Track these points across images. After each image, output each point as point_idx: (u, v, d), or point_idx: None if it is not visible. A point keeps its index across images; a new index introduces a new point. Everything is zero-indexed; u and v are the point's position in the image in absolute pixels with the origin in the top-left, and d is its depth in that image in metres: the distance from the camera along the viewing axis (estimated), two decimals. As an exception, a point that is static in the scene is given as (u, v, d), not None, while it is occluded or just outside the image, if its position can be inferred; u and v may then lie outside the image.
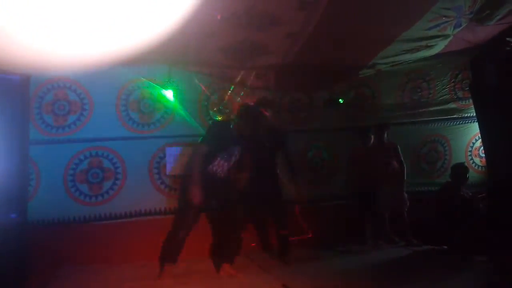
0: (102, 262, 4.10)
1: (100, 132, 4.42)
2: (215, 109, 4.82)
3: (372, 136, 5.02)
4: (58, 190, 4.26)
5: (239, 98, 4.87)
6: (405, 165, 4.99)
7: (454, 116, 5.42)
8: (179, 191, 3.92)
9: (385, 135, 4.97)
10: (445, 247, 4.55)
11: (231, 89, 4.82)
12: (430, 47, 4.25)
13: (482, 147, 5.20)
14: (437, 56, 4.62)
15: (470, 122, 5.36)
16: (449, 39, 4.07)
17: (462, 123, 5.44)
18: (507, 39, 4.13)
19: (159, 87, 4.54)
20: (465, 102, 5.31)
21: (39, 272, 3.77)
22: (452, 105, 5.37)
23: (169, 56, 4.09)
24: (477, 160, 5.47)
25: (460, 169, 4.76)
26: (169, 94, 4.45)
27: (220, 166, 3.53)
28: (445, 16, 3.56)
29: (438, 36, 3.97)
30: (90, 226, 4.30)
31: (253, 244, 4.42)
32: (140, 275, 3.78)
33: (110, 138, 4.46)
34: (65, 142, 4.32)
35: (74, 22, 2.87)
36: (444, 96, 5.33)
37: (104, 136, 4.44)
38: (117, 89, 4.47)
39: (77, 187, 4.33)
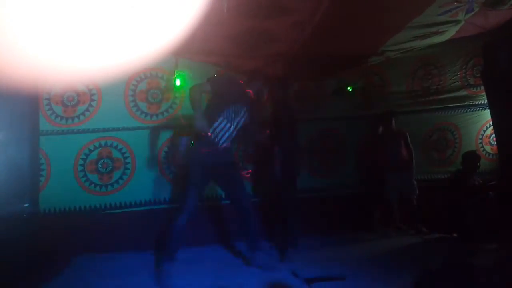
0: (113, 251, 4.17)
1: (109, 122, 4.44)
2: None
3: (381, 124, 5.00)
4: (68, 180, 4.31)
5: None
6: (413, 153, 4.96)
7: (464, 104, 5.35)
8: None
9: (393, 123, 4.93)
10: (455, 235, 4.53)
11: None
12: (441, 33, 4.16)
13: (493, 135, 5.13)
14: (448, 42, 4.54)
15: (481, 109, 5.29)
16: (460, 25, 3.99)
17: (472, 111, 5.36)
18: (521, 24, 4.04)
19: (166, 77, 4.55)
20: (476, 89, 5.24)
21: (50, 261, 3.84)
22: (463, 92, 5.30)
23: (176, 46, 4.07)
24: (488, 147, 5.40)
25: (471, 157, 4.72)
26: (176, 84, 4.45)
27: None
28: (456, 1, 3.48)
29: (449, 22, 3.89)
30: (101, 215, 4.36)
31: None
32: (150, 263, 3.84)
33: (118, 128, 4.48)
34: (74, 132, 4.36)
35: (79, 19, 2.87)
36: (455, 83, 5.27)
37: (113, 126, 4.46)
38: (125, 79, 4.48)
39: (87, 177, 4.37)
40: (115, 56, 3.50)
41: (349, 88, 5.04)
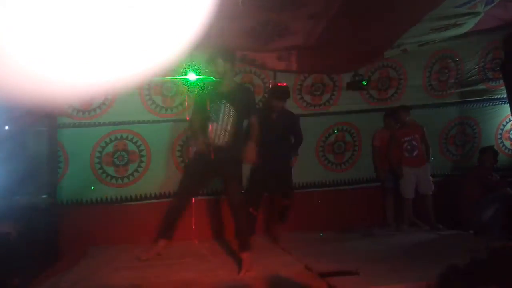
0: (128, 242, 4.23)
1: (124, 115, 4.48)
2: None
3: (396, 119, 4.95)
4: (85, 172, 4.37)
5: (260, 81, 4.85)
6: (431, 148, 4.89)
7: (483, 98, 5.24)
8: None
9: (408, 117, 4.85)
10: (472, 231, 4.46)
11: (252, 72, 4.82)
12: (459, 25, 4.08)
13: (513, 130, 5.04)
14: (466, 35, 4.45)
15: (501, 103, 5.18)
16: (479, 17, 3.90)
17: (492, 105, 5.27)
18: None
19: (181, 70, 4.56)
20: (496, 83, 5.13)
21: (68, 251, 3.93)
22: (482, 86, 5.20)
23: (191, 40, 4.07)
24: (507, 143, 5.30)
25: (489, 152, 4.65)
26: (191, 77, 4.47)
27: None
28: (476, -8, 3.41)
29: (468, 14, 3.80)
30: (116, 207, 4.42)
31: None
32: (164, 254, 3.88)
33: (134, 122, 4.52)
34: (91, 125, 4.41)
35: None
36: (473, 77, 5.17)
37: (128, 119, 4.50)
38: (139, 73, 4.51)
39: (103, 169, 4.43)
40: (130, 51, 3.52)
41: (364, 81, 4.98)
